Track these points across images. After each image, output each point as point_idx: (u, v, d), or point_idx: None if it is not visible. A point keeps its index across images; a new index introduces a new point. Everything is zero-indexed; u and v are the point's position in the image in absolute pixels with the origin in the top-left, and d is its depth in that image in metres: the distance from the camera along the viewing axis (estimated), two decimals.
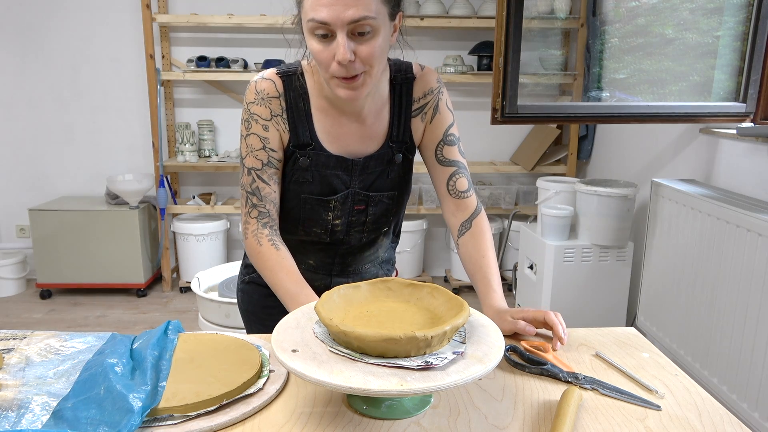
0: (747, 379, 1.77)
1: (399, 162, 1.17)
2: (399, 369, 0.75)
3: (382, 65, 1.03)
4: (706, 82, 2.23)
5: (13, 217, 3.73)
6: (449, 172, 1.19)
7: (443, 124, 1.19)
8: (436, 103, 1.17)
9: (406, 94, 1.15)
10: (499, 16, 1.85)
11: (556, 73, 3.49)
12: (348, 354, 0.77)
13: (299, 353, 0.78)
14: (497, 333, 0.85)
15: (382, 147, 1.15)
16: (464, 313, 0.81)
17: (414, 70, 1.16)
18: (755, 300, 1.74)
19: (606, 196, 2.51)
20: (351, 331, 0.76)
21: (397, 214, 1.24)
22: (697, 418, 0.83)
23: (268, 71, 1.13)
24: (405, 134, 1.17)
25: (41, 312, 3.26)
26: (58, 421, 0.77)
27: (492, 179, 3.82)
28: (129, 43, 3.53)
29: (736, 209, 1.84)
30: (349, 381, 0.71)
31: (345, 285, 0.92)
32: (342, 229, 1.20)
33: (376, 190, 1.17)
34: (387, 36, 1.00)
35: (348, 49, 0.94)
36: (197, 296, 2.42)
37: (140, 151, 3.69)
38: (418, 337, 0.74)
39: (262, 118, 1.11)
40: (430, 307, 0.90)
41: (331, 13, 0.93)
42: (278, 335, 0.83)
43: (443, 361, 0.75)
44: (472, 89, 3.65)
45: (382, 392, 0.70)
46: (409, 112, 1.16)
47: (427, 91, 1.16)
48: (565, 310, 2.65)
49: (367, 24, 0.94)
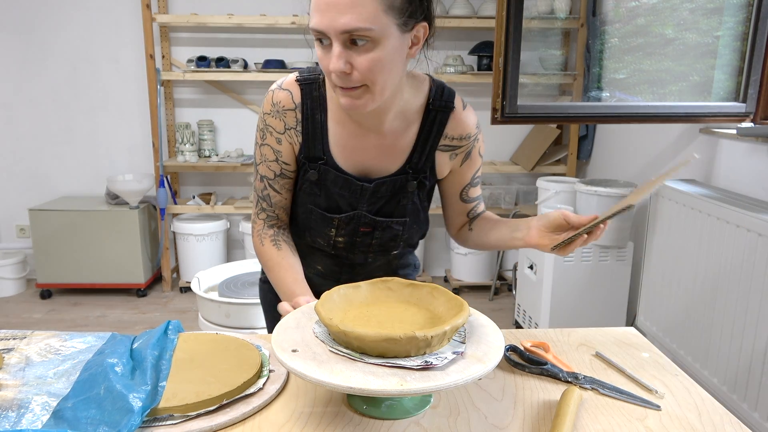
0: (747, 379, 1.77)
1: (413, 190, 1.11)
2: (399, 369, 0.75)
3: (391, 80, 0.95)
4: (706, 82, 2.24)
5: (13, 217, 3.73)
6: (470, 207, 1.19)
7: (473, 169, 1.15)
8: (469, 150, 1.12)
9: (439, 124, 1.08)
10: (499, 16, 1.85)
11: (556, 73, 3.49)
12: (348, 354, 0.77)
13: (299, 353, 0.78)
14: (497, 333, 0.85)
15: (399, 171, 1.09)
16: (464, 313, 0.81)
17: (456, 102, 1.09)
18: (755, 300, 1.74)
19: (606, 196, 2.51)
20: (351, 331, 0.76)
21: (409, 240, 1.19)
22: (697, 418, 0.83)
23: (289, 78, 1.08)
24: (426, 163, 1.10)
25: (41, 312, 3.26)
26: (58, 421, 0.77)
27: (492, 179, 3.82)
28: (129, 43, 3.53)
29: (736, 209, 1.84)
30: (348, 381, 0.71)
31: (345, 285, 0.92)
32: (345, 246, 1.16)
33: (384, 215, 1.12)
34: (395, 49, 0.92)
35: (341, 59, 0.89)
36: (197, 296, 2.42)
37: (140, 151, 3.69)
38: (418, 337, 0.74)
39: (276, 131, 1.08)
40: (430, 307, 0.90)
41: (324, 20, 0.88)
42: (278, 335, 0.83)
43: (443, 361, 0.75)
44: (472, 89, 3.65)
45: (382, 392, 0.70)
46: (436, 143, 1.09)
47: (464, 135, 1.11)
48: (565, 310, 2.65)
49: (364, 34, 0.87)
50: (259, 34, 3.57)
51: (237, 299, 2.32)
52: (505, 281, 3.65)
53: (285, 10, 3.46)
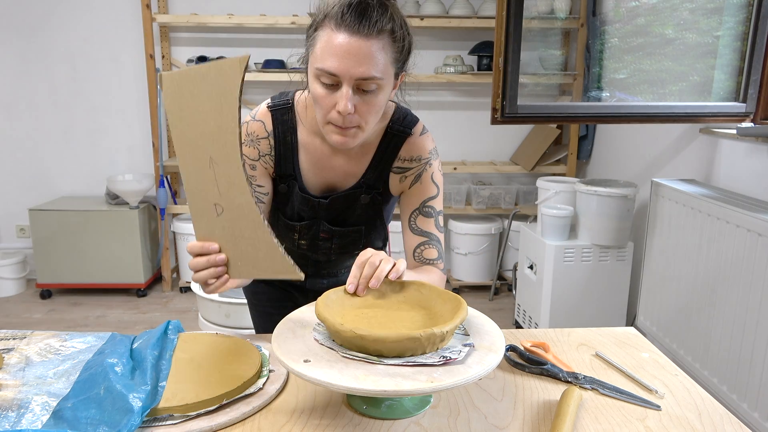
0: (747, 379, 1.77)
1: (366, 202, 1.17)
2: (423, 367, 0.75)
3: (378, 119, 1.04)
4: (706, 82, 2.24)
5: (13, 217, 3.72)
6: (419, 241, 1.17)
7: (422, 195, 1.16)
8: (419, 173, 1.15)
9: (393, 148, 1.14)
10: (499, 16, 1.85)
11: (556, 73, 3.49)
12: (364, 357, 0.77)
13: (312, 363, 0.76)
14: (497, 332, 0.85)
15: (353, 186, 1.16)
16: (464, 306, 0.83)
17: (414, 129, 1.14)
18: (755, 300, 1.74)
19: (606, 196, 2.51)
20: (368, 334, 0.75)
21: (369, 244, 1.24)
22: (697, 418, 0.83)
23: (261, 108, 1.16)
24: (378, 182, 1.16)
25: (41, 312, 3.26)
26: (58, 421, 0.77)
27: (492, 179, 3.82)
28: (129, 43, 3.53)
29: (736, 209, 1.84)
30: (378, 384, 0.71)
31: (334, 289, 0.92)
32: (309, 248, 1.23)
33: (340, 225, 1.20)
34: (388, 93, 1.02)
35: (351, 102, 0.95)
36: (197, 296, 2.42)
37: (140, 151, 3.69)
38: (437, 334, 0.76)
39: (249, 158, 1.15)
40: (425, 305, 0.91)
41: (341, 66, 0.93)
42: (280, 347, 0.80)
43: (460, 354, 0.77)
44: (472, 89, 3.65)
45: (417, 392, 0.71)
46: (389, 164, 1.15)
47: (415, 158, 1.14)
48: (565, 310, 2.65)
49: (374, 82, 0.95)
50: (259, 34, 3.57)
51: (237, 299, 2.32)
52: (505, 281, 3.65)
53: (285, 10, 3.46)
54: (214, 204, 0.90)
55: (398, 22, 0.97)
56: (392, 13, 0.96)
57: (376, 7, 0.94)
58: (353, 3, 0.93)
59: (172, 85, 0.89)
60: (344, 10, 0.93)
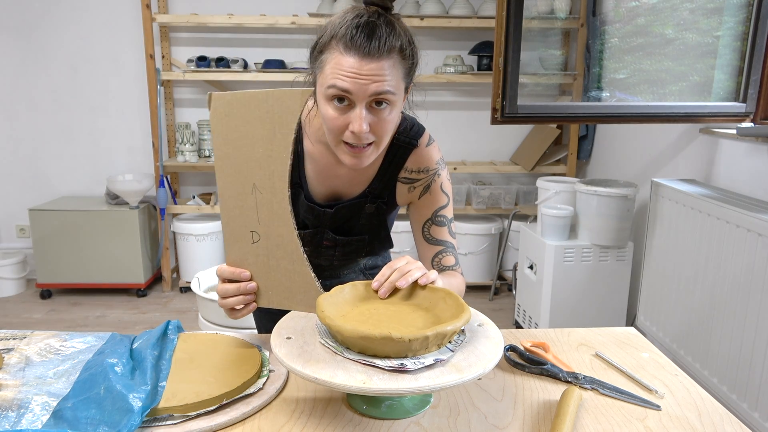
0: (747, 379, 1.77)
1: (371, 211, 1.17)
2: (371, 367, 0.75)
3: (391, 135, 1.03)
4: (706, 82, 2.23)
5: (13, 217, 3.73)
6: (435, 250, 1.17)
7: (433, 205, 1.16)
8: (428, 184, 1.15)
9: (400, 158, 1.13)
10: (499, 16, 1.85)
11: (556, 73, 3.49)
12: (333, 347, 0.79)
13: (292, 340, 0.82)
14: (496, 333, 0.85)
15: (359, 195, 1.15)
16: (456, 321, 0.79)
17: (420, 140, 1.14)
18: (755, 300, 1.74)
19: (606, 196, 2.51)
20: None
21: (371, 252, 1.25)
22: (697, 418, 0.83)
23: None
24: (385, 191, 1.16)
25: (41, 312, 3.26)
26: (58, 421, 0.77)
27: (492, 179, 3.82)
28: (129, 43, 3.53)
29: (736, 209, 1.84)
30: (317, 373, 0.73)
31: (341, 287, 0.92)
32: (312, 254, 1.23)
33: (343, 234, 1.19)
34: (400, 108, 1.01)
35: (366, 121, 0.93)
36: (197, 296, 2.42)
37: (140, 151, 3.69)
38: (394, 338, 0.74)
39: None
40: (435, 310, 0.88)
41: (355, 85, 0.91)
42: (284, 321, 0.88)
43: (418, 366, 0.74)
44: (472, 89, 3.65)
45: (343, 387, 0.71)
46: (396, 174, 1.15)
47: (422, 168, 1.14)
48: (565, 310, 2.65)
49: (387, 98, 0.94)
50: (258, 34, 3.57)
51: None
52: (505, 281, 3.65)
53: (285, 10, 3.46)
54: (251, 231, 0.89)
55: (405, 38, 0.96)
56: (399, 30, 0.95)
57: (384, 26, 0.92)
58: (361, 24, 0.91)
59: (222, 106, 0.88)
60: (353, 32, 0.91)
